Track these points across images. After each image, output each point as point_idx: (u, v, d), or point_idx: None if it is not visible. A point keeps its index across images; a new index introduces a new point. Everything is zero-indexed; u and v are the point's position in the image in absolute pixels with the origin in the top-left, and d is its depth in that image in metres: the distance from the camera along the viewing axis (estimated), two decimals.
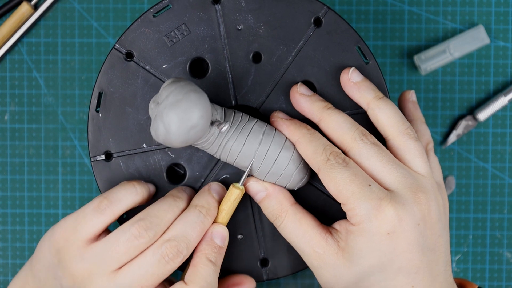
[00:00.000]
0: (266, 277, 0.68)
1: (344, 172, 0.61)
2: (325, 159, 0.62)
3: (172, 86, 0.59)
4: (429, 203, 0.62)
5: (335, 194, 0.62)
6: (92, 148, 0.67)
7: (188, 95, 0.58)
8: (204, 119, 0.59)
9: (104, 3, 0.81)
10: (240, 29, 0.66)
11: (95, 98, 0.67)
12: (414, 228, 0.61)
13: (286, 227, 0.64)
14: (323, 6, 0.66)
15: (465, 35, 0.80)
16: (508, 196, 0.81)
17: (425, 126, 0.71)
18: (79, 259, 0.63)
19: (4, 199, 0.82)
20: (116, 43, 0.66)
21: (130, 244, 0.62)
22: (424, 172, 0.64)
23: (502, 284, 0.81)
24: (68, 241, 0.63)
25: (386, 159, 0.62)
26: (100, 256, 0.62)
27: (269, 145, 0.63)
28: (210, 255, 0.63)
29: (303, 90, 0.66)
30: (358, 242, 0.61)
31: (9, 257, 0.82)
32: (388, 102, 0.64)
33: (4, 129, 0.81)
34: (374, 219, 0.61)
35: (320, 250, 0.63)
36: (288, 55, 0.67)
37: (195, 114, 0.58)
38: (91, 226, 0.63)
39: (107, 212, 0.63)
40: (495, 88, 0.81)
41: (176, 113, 0.58)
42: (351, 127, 0.63)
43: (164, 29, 0.66)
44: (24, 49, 0.81)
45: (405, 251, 0.61)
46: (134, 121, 0.67)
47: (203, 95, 0.59)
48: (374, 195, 0.61)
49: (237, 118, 0.64)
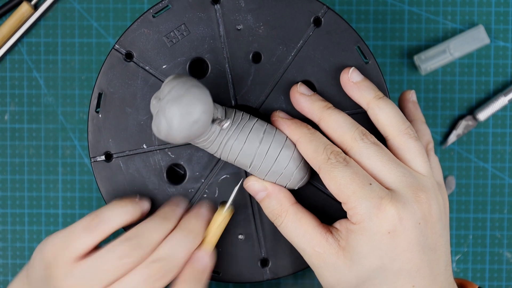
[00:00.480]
0: (267, 277, 0.68)
1: (345, 171, 0.61)
2: (326, 158, 0.62)
3: (174, 82, 0.59)
4: (429, 202, 0.62)
5: (335, 193, 0.62)
6: (92, 148, 0.67)
7: (190, 90, 0.58)
8: (206, 114, 0.59)
9: (104, 3, 0.81)
10: (239, 29, 0.66)
11: (95, 98, 0.67)
12: (415, 227, 0.61)
13: (287, 227, 0.64)
14: (322, 6, 0.66)
15: (465, 35, 0.80)
16: (508, 196, 0.81)
17: (425, 126, 0.71)
18: (67, 276, 0.63)
19: (4, 199, 0.82)
20: (115, 43, 0.66)
21: (118, 263, 0.62)
22: (424, 172, 0.64)
23: (502, 284, 0.81)
24: (57, 258, 0.63)
25: (386, 159, 0.62)
26: (88, 274, 0.62)
27: (270, 143, 0.63)
28: (191, 282, 0.64)
29: (303, 89, 0.66)
30: (358, 241, 0.61)
31: (9, 257, 0.82)
32: (388, 101, 0.64)
33: (4, 129, 0.81)
34: (374, 218, 0.61)
35: (321, 249, 0.63)
36: (287, 55, 0.67)
37: (197, 108, 0.58)
38: (80, 243, 0.63)
39: (96, 231, 0.63)
40: (495, 88, 0.81)
41: (179, 108, 0.58)
42: (351, 127, 0.63)
43: (164, 29, 0.66)
44: (24, 49, 0.81)
45: (406, 250, 0.61)
46: (134, 121, 0.67)
47: (205, 91, 0.59)
48: (374, 194, 0.61)
49: (237, 117, 0.64)
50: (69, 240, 0.63)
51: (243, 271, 0.68)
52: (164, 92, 0.59)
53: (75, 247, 0.63)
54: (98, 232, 0.63)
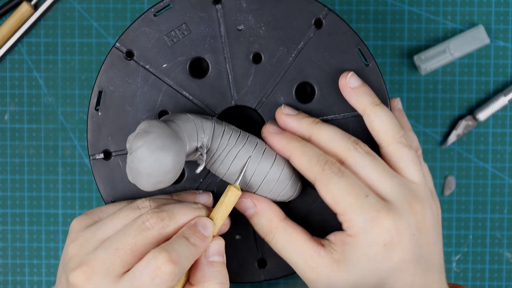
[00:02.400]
0: (264, 277, 0.68)
1: (341, 182, 0.61)
2: (320, 169, 0.62)
3: (141, 140, 0.59)
4: (424, 212, 0.62)
5: (331, 205, 0.62)
6: (91, 146, 0.67)
7: (154, 153, 0.59)
8: (171, 173, 0.59)
9: (104, 3, 0.81)
10: (240, 30, 0.66)
11: (95, 96, 0.67)
12: (410, 238, 0.61)
13: (278, 243, 0.64)
14: (324, 8, 0.66)
15: (465, 35, 0.80)
16: (508, 196, 0.81)
17: (412, 133, 0.71)
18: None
19: (4, 199, 0.82)
20: (116, 42, 0.66)
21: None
22: (418, 180, 0.64)
23: (502, 284, 0.81)
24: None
25: (381, 169, 0.63)
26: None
27: (260, 159, 0.63)
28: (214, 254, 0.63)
29: (288, 110, 0.66)
30: (355, 253, 0.61)
31: (9, 257, 0.82)
32: (385, 109, 0.64)
33: (4, 129, 0.81)
34: (371, 231, 0.61)
35: (313, 263, 0.63)
36: (288, 56, 0.66)
37: (161, 172, 0.59)
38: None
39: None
40: (495, 88, 0.81)
41: (143, 171, 0.59)
42: (342, 138, 0.63)
43: (165, 28, 0.66)
44: (24, 49, 0.81)
45: (401, 261, 0.62)
46: (133, 120, 0.67)
47: (170, 152, 0.59)
48: (371, 207, 0.61)
49: (227, 133, 0.63)
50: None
51: (241, 271, 0.68)
52: (133, 147, 0.59)
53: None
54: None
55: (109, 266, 0.59)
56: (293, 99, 0.67)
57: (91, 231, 0.62)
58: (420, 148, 0.71)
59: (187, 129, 0.61)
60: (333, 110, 0.67)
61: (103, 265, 0.60)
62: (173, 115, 0.63)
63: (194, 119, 0.62)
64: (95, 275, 0.59)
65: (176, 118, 0.62)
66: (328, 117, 0.67)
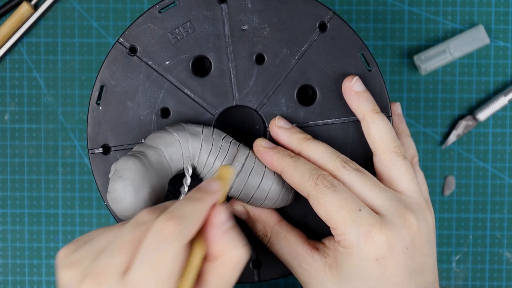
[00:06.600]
0: (258, 278, 0.68)
1: (333, 197, 0.61)
2: (313, 184, 0.62)
3: (116, 185, 0.61)
4: (418, 224, 0.62)
5: (325, 219, 0.62)
6: (90, 140, 0.67)
7: (130, 197, 0.61)
8: (152, 203, 0.61)
9: (104, 3, 0.81)
10: (244, 30, 0.66)
11: (96, 90, 0.67)
12: (403, 252, 0.62)
13: (273, 246, 0.65)
14: (328, 11, 0.66)
15: (465, 35, 0.80)
16: (508, 196, 0.81)
17: (410, 140, 0.71)
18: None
19: (4, 199, 0.81)
20: (120, 37, 0.66)
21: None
22: (411, 191, 0.64)
23: (502, 284, 0.82)
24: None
25: (371, 183, 0.63)
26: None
27: (250, 171, 0.64)
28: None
29: (282, 123, 0.66)
30: (347, 264, 0.62)
31: (9, 257, 0.82)
32: (384, 118, 0.65)
33: (4, 129, 0.81)
34: (363, 246, 0.61)
35: (307, 266, 0.63)
36: (291, 58, 0.67)
37: (139, 207, 0.61)
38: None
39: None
40: (495, 88, 0.81)
41: (122, 208, 0.61)
42: (331, 156, 0.64)
43: (169, 25, 0.66)
44: (24, 49, 0.81)
45: (394, 275, 0.62)
46: (134, 115, 0.67)
47: (145, 191, 0.61)
48: (364, 221, 0.61)
49: (217, 141, 0.64)
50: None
51: None
52: (110, 188, 0.61)
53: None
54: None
55: (115, 265, 0.58)
56: (295, 101, 0.67)
57: (85, 249, 0.58)
58: (417, 155, 0.71)
59: (172, 153, 0.62)
60: (334, 113, 0.67)
61: (109, 268, 0.57)
62: (157, 136, 0.63)
63: (180, 140, 0.63)
64: (103, 279, 0.58)
65: (160, 142, 0.63)
66: (328, 121, 0.67)
